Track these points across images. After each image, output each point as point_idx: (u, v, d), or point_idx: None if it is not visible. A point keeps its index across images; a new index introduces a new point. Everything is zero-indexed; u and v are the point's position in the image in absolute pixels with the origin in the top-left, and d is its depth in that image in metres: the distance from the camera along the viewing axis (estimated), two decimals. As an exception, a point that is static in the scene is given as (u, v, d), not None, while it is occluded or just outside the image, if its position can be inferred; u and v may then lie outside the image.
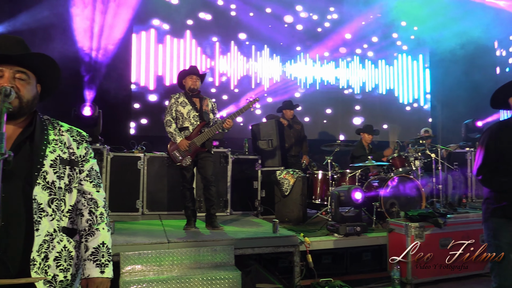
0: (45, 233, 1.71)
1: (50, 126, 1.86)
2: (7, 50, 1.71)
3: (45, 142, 1.78)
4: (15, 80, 1.72)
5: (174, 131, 4.94)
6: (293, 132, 7.27)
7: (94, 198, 1.90)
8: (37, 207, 1.69)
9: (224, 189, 6.46)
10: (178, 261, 4.22)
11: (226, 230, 5.04)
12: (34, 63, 1.77)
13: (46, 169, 1.74)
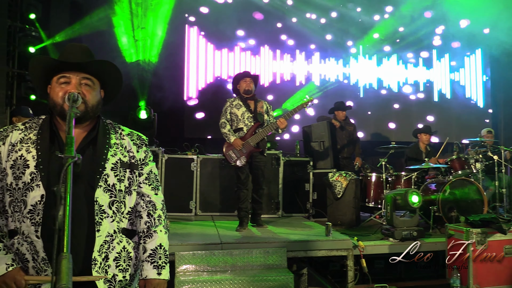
0: (106, 234, 1.76)
1: (112, 130, 1.91)
2: (73, 58, 1.78)
3: (107, 146, 1.83)
4: (81, 86, 1.78)
5: (229, 131, 5.09)
6: (345, 134, 7.16)
7: (152, 201, 1.94)
8: (99, 209, 1.74)
9: (276, 191, 6.47)
10: (231, 262, 4.27)
11: (278, 232, 5.04)
12: (98, 70, 1.84)
13: (107, 172, 1.79)
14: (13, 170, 1.72)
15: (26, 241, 1.69)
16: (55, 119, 1.82)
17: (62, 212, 1.30)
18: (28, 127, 1.81)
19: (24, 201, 1.69)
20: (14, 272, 1.67)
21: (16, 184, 1.71)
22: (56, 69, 1.78)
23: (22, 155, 1.73)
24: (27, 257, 1.69)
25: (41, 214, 1.67)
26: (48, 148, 1.75)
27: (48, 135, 1.78)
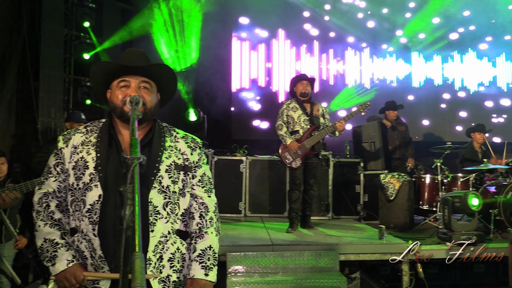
0: (160, 235, 1.79)
1: (168, 133, 1.95)
2: (133, 62, 1.83)
3: (161, 148, 1.87)
4: (140, 89, 1.84)
5: (285, 133, 5.13)
6: (397, 134, 6.96)
7: (205, 203, 1.95)
8: (153, 210, 1.77)
9: (325, 192, 6.38)
10: (282, 264, 4.25)
11: (329, 234, 4.98)
12: (156, 73, 1.89)
13: (161, 174, 1.82)
14: (75, 171, 1.81)
15: (84, 239, 1.76)
16: (114, 122, 1.89)
17: (129, 211, 1.33)
18: (89, 130, 1.90)
19: (84, 201, 1.76)
20: (74, 268, 1.73)
21: (77, 184, 1.80)
22: (116, 74, 1.85)
23: (82, 157, 1.81)
24: (86, 255, 1.76)
25: (98, 213, 1.74)
26: (107, 150, 1.82)
27: (107, 137, 1.85)
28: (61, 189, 1.85)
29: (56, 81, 7.42)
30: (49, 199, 1.84)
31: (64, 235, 1.79)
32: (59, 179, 1.85)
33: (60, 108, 7.48)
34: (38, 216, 1.82)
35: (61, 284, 1.74)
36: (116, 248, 1.71)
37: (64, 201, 1.85)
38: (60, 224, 1.81)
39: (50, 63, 7.35)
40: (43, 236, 1.78)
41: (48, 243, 1.76)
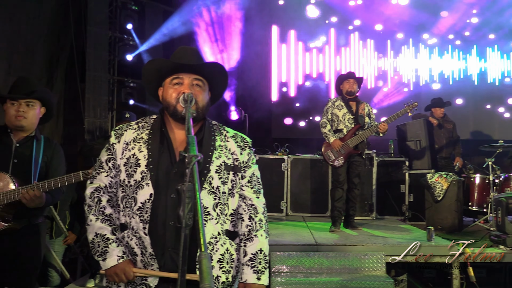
0: (210, 236, 1.77)
1: (217, 132, 1.92)
2: (186, 60, 1.81)
3: (212, 148, 1.84)
4: (193, 87, 1.81)
5: (329, 131, 5.06)
6: (444, 132, 6.71)
7: (254, 204, 1.92)
8: (203, 211, 1.74)
9: (369, 192, 6.24)
10: (327, 264, 4.18)
11: (374, 235, 4.87)
12: (208, 71, 1.87)
13: (211, 174, 1.80)
14: (126, 167, 1.81)
15: (135, 236, 1.76)
16: (166, 119, 1.88)
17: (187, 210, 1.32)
18: (140, 127, 1.89)
19: (135, 198, 1.76)
20: (124, 264, 1.74)
21: (128, 181, 1.79)
22: (169, 71, 1.84)
23: (134, 154, 1.81)
24: (136, 251, 1.76)
25: (149, 212, 1.73)
26: (158, 148, 1.81)
27: (159, 135, 1.84)
28: (112, 185, 1.85)
29: (101, 82, 7.64)
30: (100, 193, 1.85)
31: (115, 231, 1.80)
32: (111, 175, 1.85)
33: (105, 108, 7.69)
34: (90, 210, 1.83)
35: (111, 278, 1.76)
36: (166, 246, 1.73)
37: (115, 196, 1.85)
38: (111, 219, 1.82)
39: (96, 65, 7.57)
40: (94, 230, 1.80)
41: (99, 238, 1.78)
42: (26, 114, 2.70)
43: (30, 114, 2.72)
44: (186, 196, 1.32)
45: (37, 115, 2.79)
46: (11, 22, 6.23)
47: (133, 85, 8.09)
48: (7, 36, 6.15)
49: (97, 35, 7.62)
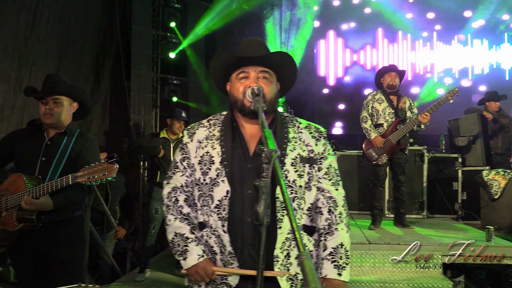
0: (287, 231, 1.71)
1: (290, 123, 1.86)
2: (250, 52, 1.77)
3: (285, 140, 1.78)
4: (259, 80, 1.77)
5: (370, 127, 4.88)
6: (499, 127, 6.39)
7: (333, 197, 1.83)
8: (280, 205, 1.69)
9: (420, 190, 6.02)
10: (380, 263, 4.06)
11: (427, 234, 4.68)
12: (275, 62, 1.80)
13: (287, 167, 1.74)
14: (201, 165, 1.79)
15: (214, 234, 1.74)
16: (235, 114, 1.84)
17: (264, 207, 1.27)
18: (212, 124, 1.87)
19: (211, 196, 1.74)
20: (204, 262, 1.72)
21: (203, 179, 1.77)
22: (234, 65, 1.80)
23: (208, 152, 1.79)
24: (215, 250, 1.74)
25: (227, 209, 1.70)
26: (231, 144, 1.78)
27: (230, 131, 1.81)
28: (188, 184, 1.85)
29: (145, 80, 7.77)
30: (177, 193, 1.84)
31: (193, 230, 1.79)
32: (186, 174, 1.84)
33: (149, 105, 7.81)
34: (168, 210, 1.84)
35: (193, 278, 1.75)
36: (244, 244, 1.70)
37: (192, 195, 1.84)
38: (189, 218, 1.81)
39: (140, 63, 7.70)
40: (173, 230, 1.79)
41: (178, 237, 1.77)
42: (53, 111, 2.66)
43: (57, 111, 2.68)
44: (264, 192, 1.27)
45: (66, 111, 2.73)
46: (61, 23, 6.42)
47: (176, 82, 8.18)
48: (57, 37, 6.34)
49: (141, 33, 7.75)
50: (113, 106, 8.13)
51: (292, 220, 1.22)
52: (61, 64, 6.49)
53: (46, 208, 2.49)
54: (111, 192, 4.83)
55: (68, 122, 2.76)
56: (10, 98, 5.55)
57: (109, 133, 8.01)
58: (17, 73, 5.62)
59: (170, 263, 5.58)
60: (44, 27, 6.04)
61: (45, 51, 6.09)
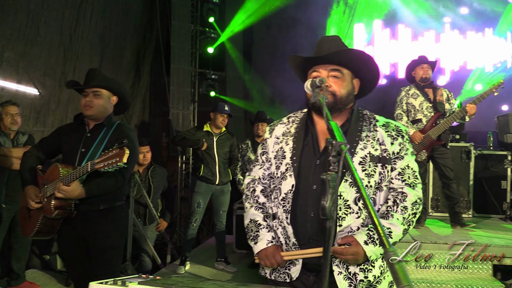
0: (348, 230, 1.70)
1: (366, 122, 1.85)
2: (320, 52, 1.79)
3: (357, 139, 1.78)
4: (328, 78, 1.77)
5: (406, 123, 4.73)
6: (552, 123, 6.08)
7: (405, 193, 1.76)
8: (343, 203, 1.70)
9: (466, 188, 5.79)
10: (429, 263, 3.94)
11: (475, 234, 4.50)
12: (345, 60, 1.78)
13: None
14: (275, 160, 1.89)
15: (280, 226, 1.82)
16: (311, 112, 1.89)
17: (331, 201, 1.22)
18: (290, 121, 1.96)
19: (280, 189, 1.83)
20: (272, 248, 1.79)
21: (276, 173, 1.87)
22: (307, 65, 1.85)
23: (282, 147, 1.88)
24: (281, 240, 1.81)
25: (291, 202, 1.77)
26: (302, 141, 1.84)
27: (304, 128, 1.87)
28: (265, 176, 1.95)
29: (184, 75, 7.85)
30: (255, 184, 1.96)
31: (266, 218, 1.88)
32: (264, 167, 1.95)
33: (188, 100, 7.88)
34: (246, 199, 1.98)
35: (262, 262, 1.82)
36: (308, 237, 1.73)
37: (268, 187, 1.93)
38: (263, 207, 1.90)
39: (179, 58, 7.78)
40: (249, 217, 1.91)
41: (252, 223, 1.88)
42: (92, 103, 2.75)
43: (97, 103, 2.76)
44: (331, 186, 1.23)
45: (106, 103, 2.82)
46: (103, 19, 6.55)
47: (214, 77, 8.21)
48: (99, 32, 6.48)
49: (180, 29, 7.82)
50: (153, 101, 8.26)
51: (372, 213, 1.17)
52: (103, 59, 6.63)
53: (78, 195, 2.54)
54: (153, 185, 4.90)
55: (107, 114, 2.84)
56: (55, 92, 5.72)
57: (148, 127, 8.15)
58: (62, 68, 5.79)
59: (209, 256, 5.64)
60: (87, 23, 6.18)
61: (88, 47, 6.24)
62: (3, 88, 4.87)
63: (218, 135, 5.10)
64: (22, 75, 5.13)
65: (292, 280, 1.76)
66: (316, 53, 1.81)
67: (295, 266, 1.76)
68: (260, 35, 9.02)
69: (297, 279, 1.76)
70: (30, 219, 2.74)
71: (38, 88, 5.41)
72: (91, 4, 6.20)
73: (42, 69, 5.44)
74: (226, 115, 5.08)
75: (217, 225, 5.19)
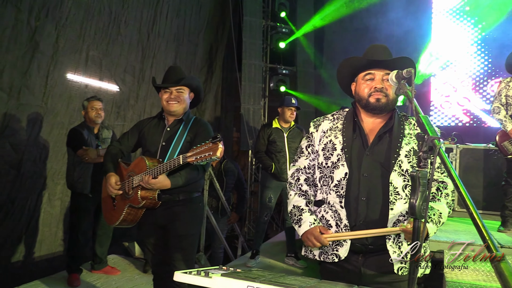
0: (398, 214, 1.90)
1: (406, 121, 2.07)
2: (378, 57, 2.00)
3: (401, 135, 2.00)
4: (383, 82, 1.97)
5: (504, 117, 4.32)
6: None
7: (445, 182, 1.97)
8: (393, 190, 1.91)
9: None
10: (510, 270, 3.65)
11: None
12: (398, 66, 1.86)
13: (401, 158, 1.94)
14: (324, 151, 2.09)
15: (331, 210, 2.00)
16: (357, 110, 2.10)
17: (421, 199, 1.16)
18: (335, 118, 2.16)
19: (331, 177, 2.02)
20: (314, 229, 1.98)
21: (325, 163, 2.06)
22: (362, 67, 2.04)
23: (331, 140, 2.08)
24: (331, 223, 1.99)
25: (345, 188, 1.97)
26: (351, 135, 2.05)
27: (351, 124, 2.07)
28: (310, 166, 2.15)
29: (255, 70, 7.90)
30: (299, 173, 2.17)
31: (308, 203, 2.08)
32: (310, 158, 2.16)
33: (258, 95, 7.93)
34: (290, 186, 2.18)
35: (306, 243, 2.01)
36: (357, 219, 1.92)
37: (312, 176, 2.15)
38: (306, 194, 2.11)
39: (251, 53, 7.85)
40: (292, 203, 2.12)
41: (295, 209, 2.08)
42: (178, 99, 2.91)
43: (180, 100, 2.92)
44: (421, 184, 1.16)
45: (187, 100, 2.99)
46: (178, 18, 6.78)
47: (285, 72, 8.19)
48: (174, 30, 6.72)
49: (252, 24, 7.89)
50: (225, 96, 8.43)
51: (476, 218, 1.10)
52: (177, 56, 6.87)
53: (164, 186, 2.71)
54: (226, 179, 5.00)
55: (186, 110, 3.00)
56: (134, 88, 6.03)
57: (220, 122, 8.33)
58: (140, 65, 6.07)
59: (279, 250, 5.65)
60: (163, 22, 6.43)
61: (164, 45, 6.50)
62: (87, 85, 5.20)
63: (288, 130, 5.07)
64: (105, 72, 5.45)
65: (340, 259, 1.92)
66: (373, 57, 1.99)
67: (343, 247, 1.92)
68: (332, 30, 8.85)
69: (345, 260, 1.92)
70: (115, 208, 2.92)
71: (119, 85, 5.72)
72: (167, 3, 6.44)
73: (122, 66, 5.74)
74: (294, 108, 5.02)
75: (287, 221, 5.18)
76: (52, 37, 4.64)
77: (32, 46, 4.43)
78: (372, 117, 2.05)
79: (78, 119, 4.78)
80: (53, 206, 4.87)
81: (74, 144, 4.14)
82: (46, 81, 4.64)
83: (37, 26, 4.46)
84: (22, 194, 4.51)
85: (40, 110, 4.63)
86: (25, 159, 4.50)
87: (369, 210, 1.91)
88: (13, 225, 4.44)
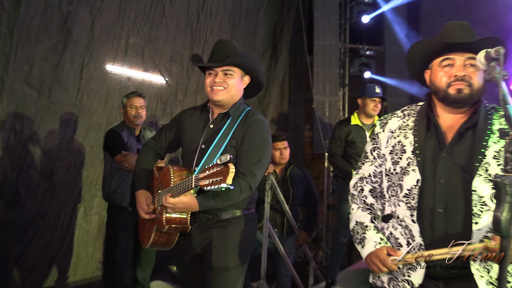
0: (486, 229, 1.83)
1: (496, 114, 2.01)
2: (457, 38, 1.97)
3: (488, 132, 1.94)
4: (465, 68, 1.95)
5: None
6: None
7: None
8: (478, 200, 1.85)
9: None
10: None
11: None
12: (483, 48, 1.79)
13: (488, 160, 1.88)
14: (392, 155, 2.10)
15: (400, 225, 2.00)
16: (433, 104, 2.10)
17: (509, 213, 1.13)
18: (406, 114, 2.17)
19: (400, 185, 2.02)
20: (380, 250, 1.97)
21: (393, 169, 2.07)
22: (437, 52, 2.03)
23: (399, 141, 2.08)
24: (401, 241, 1.99)
25: (416, 198, 1.95)
26: (425, 134, 2.04)
27: (425, 121, 2.07)
28: (377, 174, 2.18)
29: (331, 53, 7.82)
30: (363, 183, 2.20)
31: (374, 219, 2.11)
32: (375, 164, 2.18)
33: (335, 84, 7.84)
34: (353, 199, 2.22)
35: (370, 267, 2.01)
36: (434, 236, 1.89)
37: (379, 186, 2.17)
38: (371, 208, 2.14)
39: (324, 32, 7.78)
40: (355, 219, 2.15)
41: (359, 225, 2.11)
42: (224, 84, 2.61)
43: (229, 84, 2.62)
44: (508, 193, 1.14)
45: (237, 85, 2.67)
46: (232, -7, 6.84)
47: (369, 53, 8.01)
48: (229, 8, 6.77)
49: (325, -4, 7.81)
50: (293, 86, 8.43)
51: None
52: (233, 38, 6.95)
53: (190, 209, 2.45)
54: (292, 189, 4.96)
55: (236, 100, 2.71)
56: (183, 80, 6.17)
57: (288, 118, 8.33)
58: (189, 52, 6.12)
59: (362, 280, 5.57)
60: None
61: (217, 26, 6.59)
62: (129, 77, 5.43)
63: (371, 127, 4.96)
64: (148, 62, 5.66)
65: (413, 287, 1.90)
66: (451, 39, 1.96)
67: (416, 272, 1.91)
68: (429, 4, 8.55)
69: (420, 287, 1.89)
70: (146, 228, 2.82)
71: (165, 76, 5.90)
72: (219, -24, 6.52)
73: (168, 55, 5.92)
74: (378, 99, 4.91)
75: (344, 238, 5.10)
76: (86, 24, 4.86)
77: (64, 34, 4.66)
78: (451, 112, 2.04)
79: (118, 119, 4.97)
80: (90, 222, 5.13)
81: (111, 148, 4.23)
82: (81, 75, 4.87)
83: (70, 11, 4.66)
84: (54, 209, 4.75)
85: (74, 109, 4.86)
86: (57, 167, 4.76)
87: (448, 224, 1.89)
88: (44, 244, 4.69)
